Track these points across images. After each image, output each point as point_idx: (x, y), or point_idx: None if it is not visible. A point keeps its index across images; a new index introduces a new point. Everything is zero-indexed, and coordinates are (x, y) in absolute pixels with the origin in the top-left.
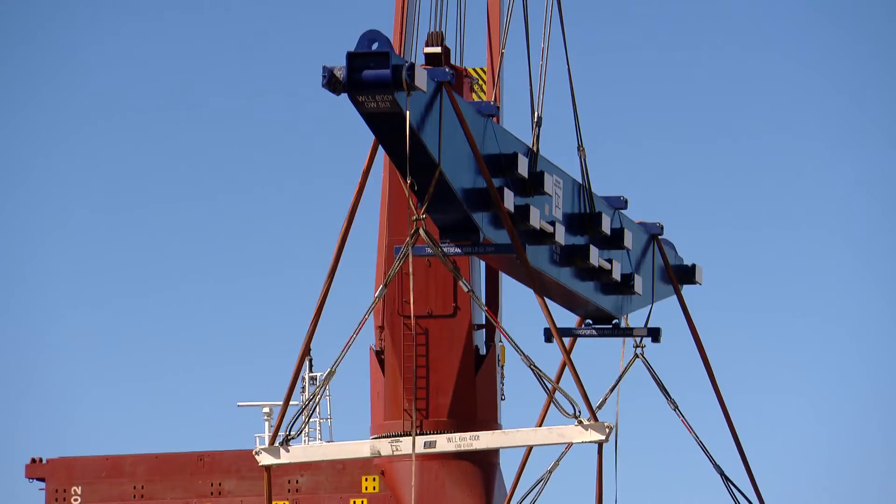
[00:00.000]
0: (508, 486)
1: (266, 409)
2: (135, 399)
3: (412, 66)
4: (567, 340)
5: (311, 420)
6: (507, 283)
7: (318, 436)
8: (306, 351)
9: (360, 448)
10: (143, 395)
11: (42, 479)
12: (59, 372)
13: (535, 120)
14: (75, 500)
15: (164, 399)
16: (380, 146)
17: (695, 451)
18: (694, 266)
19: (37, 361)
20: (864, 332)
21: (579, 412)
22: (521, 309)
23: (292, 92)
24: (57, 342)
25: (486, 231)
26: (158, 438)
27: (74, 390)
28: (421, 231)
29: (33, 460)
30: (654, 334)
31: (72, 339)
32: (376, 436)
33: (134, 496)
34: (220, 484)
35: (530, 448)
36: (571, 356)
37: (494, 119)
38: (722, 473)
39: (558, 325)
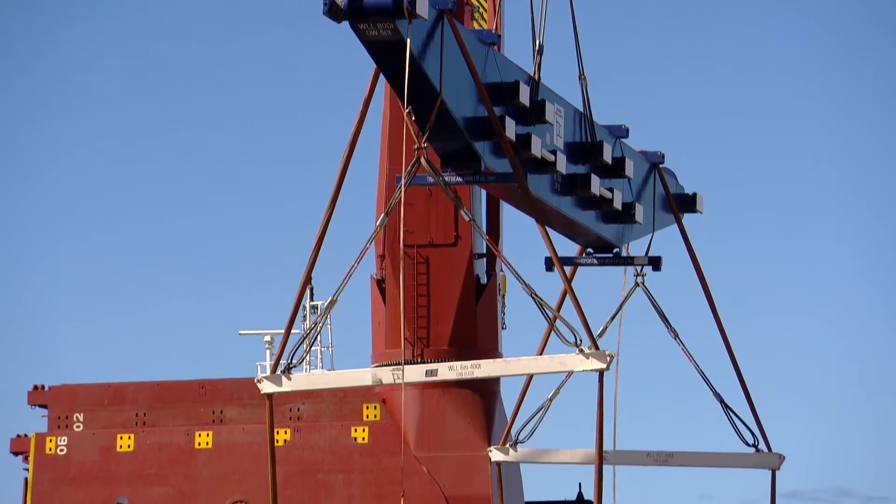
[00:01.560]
0: (509, 414)
1: (267, 338)
2: (136, 327)
3: None
4: (568, 269)
5: (312, 348)
6: (508, 213)
7: (320, 364)
8: (307, 280)
9: (362, 376)
10: (144, 324)
11: (44, 406)
12: (62, 300)
13: (537, 48)
14: (77, 426)
15: (165, 327)
16: (381, 75)
17: (695, 378)
18: (695, 195)
19: (39, 289)
20: (863, 257)
21: (580, 341)
22: (521, 238)
23: (293, 22)
24: (59, 270)
25: (487, 160)
26: (160, 366)
27: (77, 318)
28: (422, 160)
29: (35, 387)
30: (655, 263)
31: (74, 267)
32: (377, 364)
33: (136, 423)
34: (221, 411)
35: (531, 376)
36: (572, 285)
37: (496, 47)
38: (721, 401)
39: (559, 255)
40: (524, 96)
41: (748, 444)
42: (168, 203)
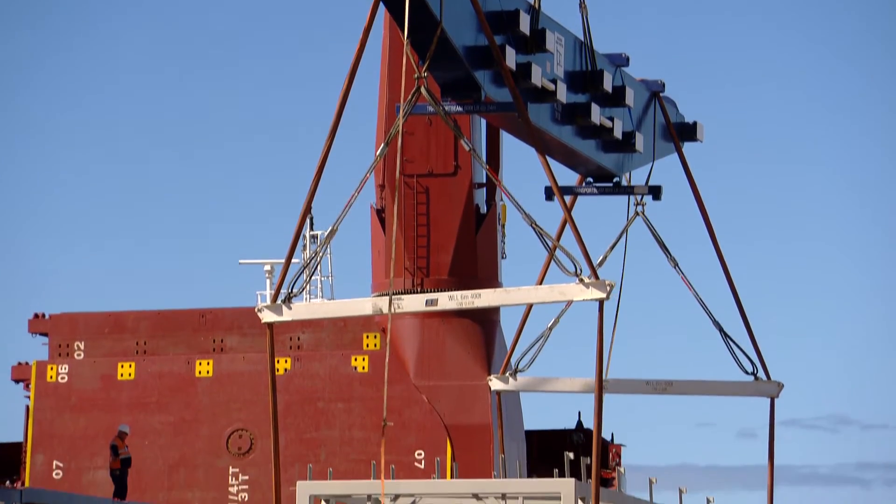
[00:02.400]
0: (508, 344)
1: (267, 267)
2: (137, 256)
3: None
4: (568, 199)
5: (312, 278)
6: (508, 142)
7: (320, 294)
8: (307, 209)
9: (362, 305)
10: (145, 253)
11: (45, 334)
12: (62, 228)
13: None
14: (78, 354)
15: (166, 256)
16: (381, 4)
17: (694, 307)
18: (695, 123)
19: (39, 216)
20: (863, 185)
21: (580, 270)
22: (521, 168)
23: None
24: (60, 199)
25: (487, 89)
26: (160, 295)
27: (77, 247)
28: (422, 89)
29: (36, 315)
30: (655, 192)
31: (75, 196)
32: (377, 293)
33: (136, 351)
34: (221, 340)
35: (530, 306)
36: (572, 215)
37: None
38: (720, 329)
39: (559, 184)
40: (524, 25)
41: (747, 373)
42: (169, 133)
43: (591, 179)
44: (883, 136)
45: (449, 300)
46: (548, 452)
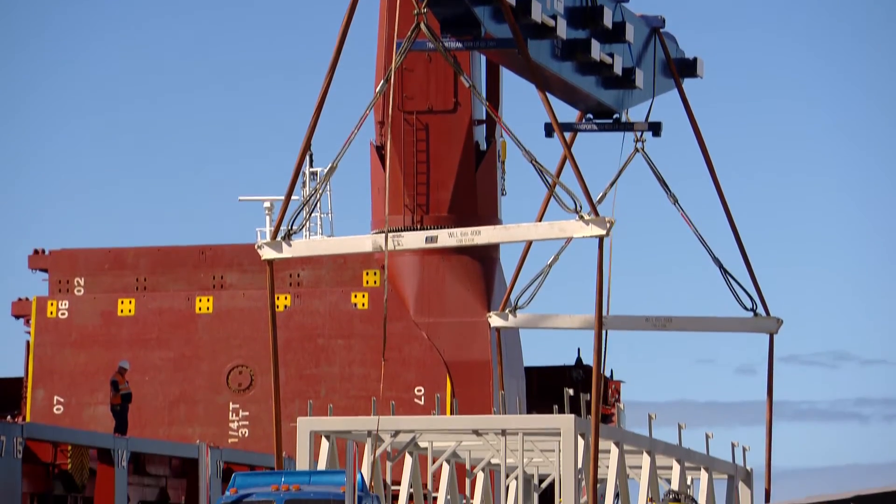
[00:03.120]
0: (508, 281)
1: (267, 204)
2: (137, 193)
3: None
4: (567, 135)
5: (312, 215)
6: (508, 79)
7: (319, 231)
8: (307, 146)
9: (362, 242)
10: (145, 189)
11: (45, 270)
12: (62, 164)
13: None
14: (78, 290)
15: (165, 193)
16: None
17: (694, 244)
18: (695, 59)
19: (40, 153)
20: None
21: (580, 207)
22: (521, 105)
23: None
24: (61, 135)
25: (487, 25)
26: (160, 232)
27: (77, 183)
28: (422, 25)
29: (36, 251)
30: (655, 128)
31: (75, 132)
32: (377, 230)
33: (136, 288)
34: (221, 277)
35: (530, 243)
36: (572, 151)
37: None
38: (720, 265)
39: (559, 121)
40: None
41: (746, 309)
42: (170, 71)
43: (590, 116)
44: (883, 72)
45: (449, 237)
46: (547, 389)
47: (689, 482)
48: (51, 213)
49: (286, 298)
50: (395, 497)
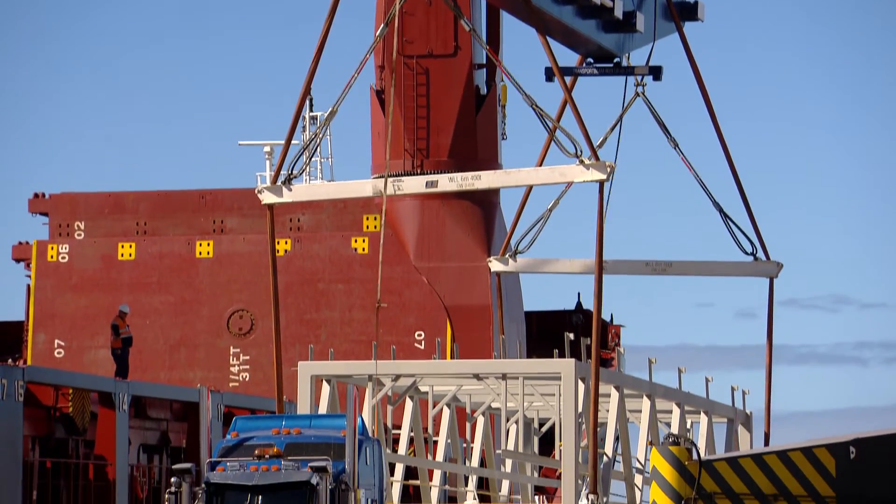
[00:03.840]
0: (508, 225)
1: (267, 148)
2: (137, 137)
3: None
4: (568, 80)
5: (312, 159)
6: (508, 22)
7: (319, 175)
8: (307, 90)
9: (362, 187)
10: (145, 133)
11: (45, 214)
12: (63, 107)
13: None
14: (78, 234)
15: (165, 137)
16: None
17: (694, 189)
18: (696, 2)
19: (40, 96)
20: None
21: (580, 151)
22: (522, 49)
23: None
24: (61, 79)
25: None
26: (160, 176)
27: (78, 127)
28: None
29: (36, 195)
30: (656, 72)
31: (75, 75)
32: (377, 175)
33: (137, 232)
34: (221, 221)
35: (530, 187)
36: (572, 95)
37: None
38: (720, 209)
39: (559, 65)
40: None
41: (746, 253)
42: (170, 13)
43: (591, 60)
44: (884, 18)
45: (449, 182)
46: (547, 334)
47: (688, 426)
48: (51, 156)
49: (286, 243)
50: (396, 441)
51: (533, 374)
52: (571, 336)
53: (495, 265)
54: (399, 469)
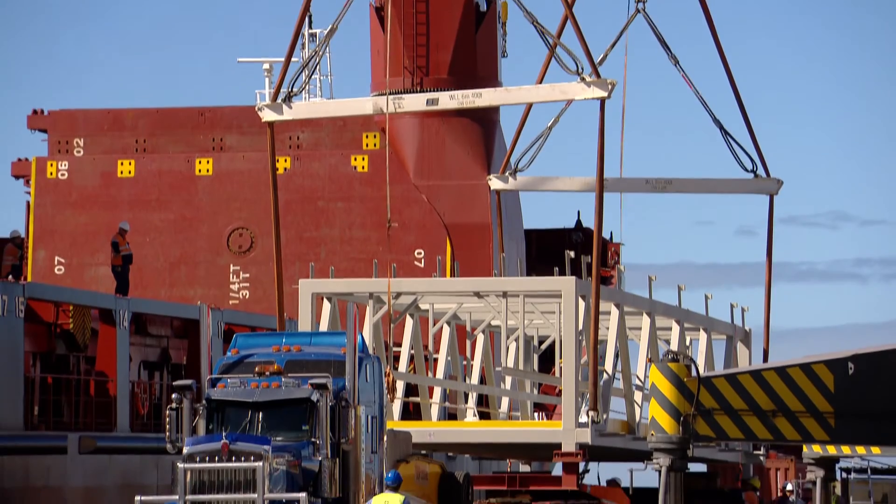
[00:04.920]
0: (508, 143)
1: (266, 66)
2: (136, 53)
3: None
4: None
5: (311, 77)
6: None
7: (319, 93)
8: (307, 7)
9: (363, 105)
10: (144, 50)
11: (44, 131)
12: (62, 24)
13: None
14: (77, 151)
15: (164, 54)
16: None
17: (695, 106)
18: None
19: (39, 12)
20: None
21: (581, 69)
22: None
23: None
24: None
25: None
26: (159, 93)
27: (77, 43)
28: None
29: (35, 111)
30: None
31: None
32: (377, 93)
33: (136, 149)
34: (221, 139)
35: (530, 105)
36: (573, 12)
37: None
38: (720, 126)
39: None
40: None
41: (746, 170)
42: None
43: None
44: None
45: (450, 99)
46: (546, 252)
47: (688, 343)
48: (50, 73)
49: (286, 161)
50: (396, 358)
51: (534, 291)
52: (572, 254)
53: (495, 183)
54: (400, 386)
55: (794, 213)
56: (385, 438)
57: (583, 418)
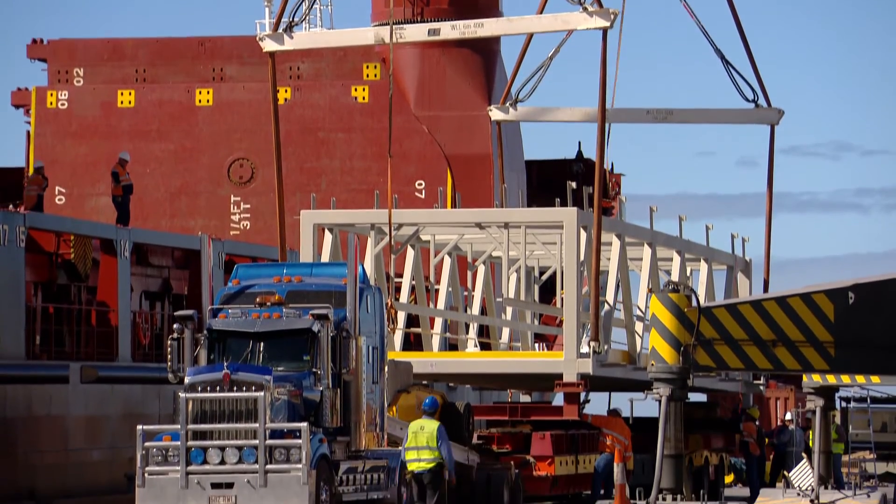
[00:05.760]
0: (508, 74)
1: None
2: None
3: None
4: None
5: (312, 7)
6: None
7: (319, 23)
8: None
9: (364, 35)
10: None
11: (44, 60)
12: None
13: None
14: (77, 81)
15: None
16: None
17: (695, 36)
18: None
19: None
20: None
21: None
22: None
23: None
24: None
25: None
26: (158, 22)
27: None
28: None
29: (34, 41)
30: None
31: None
32: (378, 23)
33: (136, 79)
34: (221, 69)
35: (531, 35)
36: None
37: None
38: (721, 56)
39: None
40: None
41: (747, 100)
42: None
43: None
44: None
45: (451, 30)
46: (547, 183)
47: (688, 273)
48: (50, 1)
49: (286, 91)
50: (398, 289)
51: (535, 222)
52: (573, 185)
53: (496, 114)
54: (401, 317)
55: (796, 143)
56: (386, 369)
57: (584, 348)
